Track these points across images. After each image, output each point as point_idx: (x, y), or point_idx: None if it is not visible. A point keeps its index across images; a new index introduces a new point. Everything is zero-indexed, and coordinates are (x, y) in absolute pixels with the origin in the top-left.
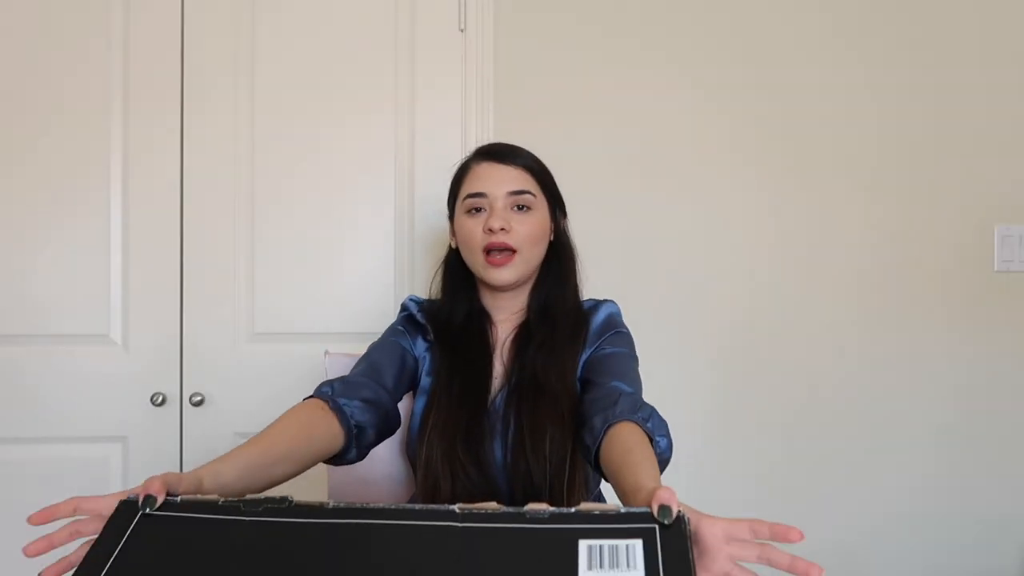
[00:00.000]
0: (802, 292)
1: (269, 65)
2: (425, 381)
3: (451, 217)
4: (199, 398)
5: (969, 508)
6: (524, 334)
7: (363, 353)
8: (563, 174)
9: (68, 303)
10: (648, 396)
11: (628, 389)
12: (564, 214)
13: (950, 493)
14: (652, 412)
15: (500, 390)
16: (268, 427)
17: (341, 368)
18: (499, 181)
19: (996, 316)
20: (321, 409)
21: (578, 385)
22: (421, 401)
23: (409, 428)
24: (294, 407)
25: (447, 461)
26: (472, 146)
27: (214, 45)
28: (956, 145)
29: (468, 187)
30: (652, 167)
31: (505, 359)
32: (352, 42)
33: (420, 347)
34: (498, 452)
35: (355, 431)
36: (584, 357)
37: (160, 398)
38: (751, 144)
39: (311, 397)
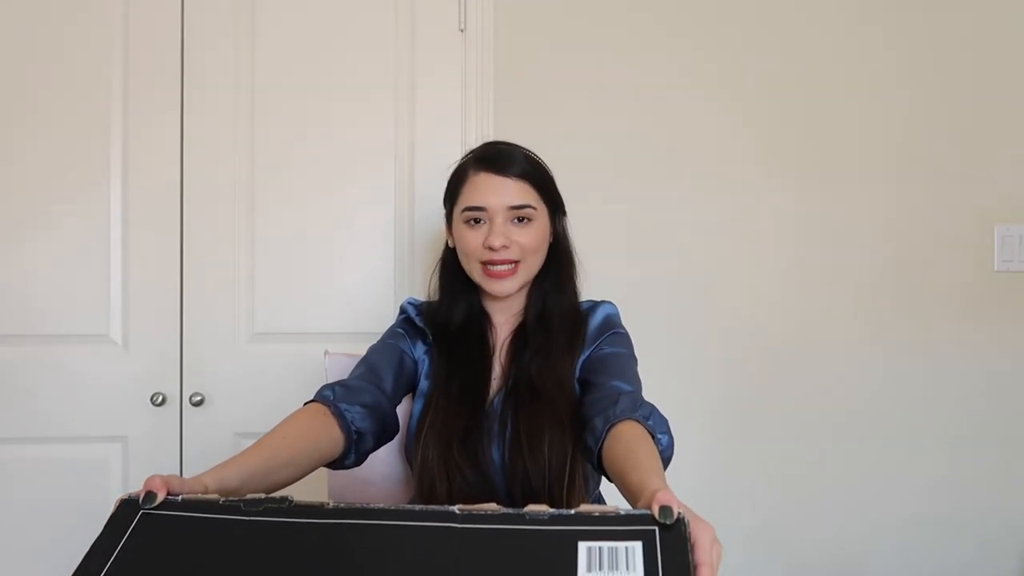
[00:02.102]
0: (805, 293)
1: (269, 65)
2: (424, 384)
3: (448, 217)
4: (199, 398)
5: (969, 508)
6: (521, 337)
7: (363, 355)
8: (564, 174)
9: (68, 303)
10: (656, 396)
11: (628, 388)
12: (563, 213)
13: (950, 493)
14: (652, 410)
15: (498, 392)
16: (271, 432)
17: (341, 368)
18: (498, 194)
19: (996, 316)
20: (323, 414)
21: (577, 387)
22: (420, 403)
23: (408, 429)
24: (296, 412)
25: (443, 463)
26: (472, 145)
27: (214, 46)
28: (956, 145)
29: (466, 198)
30: (656, 168)
31: (503, 361)
32: (352, 42)
33: (419, 350)
34: (496, 454)
35: (355, 437)
36: (582, 359)
37: (160, 398)
38: (756, 144)
39: (312, 401)
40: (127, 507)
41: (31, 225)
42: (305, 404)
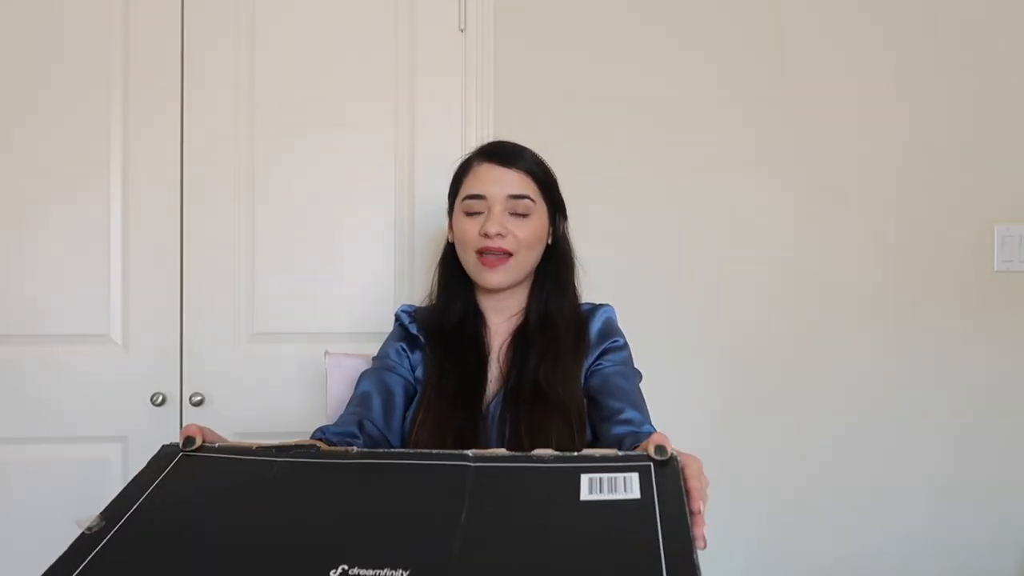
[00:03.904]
0: (804, 294)
1: (269, 65)
2: (422, 391)
3: (450, 212)
4: (199, 398)
5: (970, 508)
6: (522, 338)
7: (363, 367)
8: (563, 175)
9: (68, 303)
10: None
11: (650, 428)
12: (564, 217)
13: (950, 492)
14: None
15: (497, 393)
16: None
17: (341, 368)
18: (499, 184)
19: (996, 316)
20: (322, 444)
21: (582, 393)
22: (414, 405)
23: (402, 432)
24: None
25: None
26: (472, 146)
27: (214, 46)
28: (956, 145)
29: (468, 187)
30: (655, 168)
31: (502, 363)
32: (352, 42)
33: (416, 359)
34: None
35: None
36: (586, 364)
37: (160, 398)
38: (756, 144)
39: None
40: (168, 450)
41: (31, 225)
42: None
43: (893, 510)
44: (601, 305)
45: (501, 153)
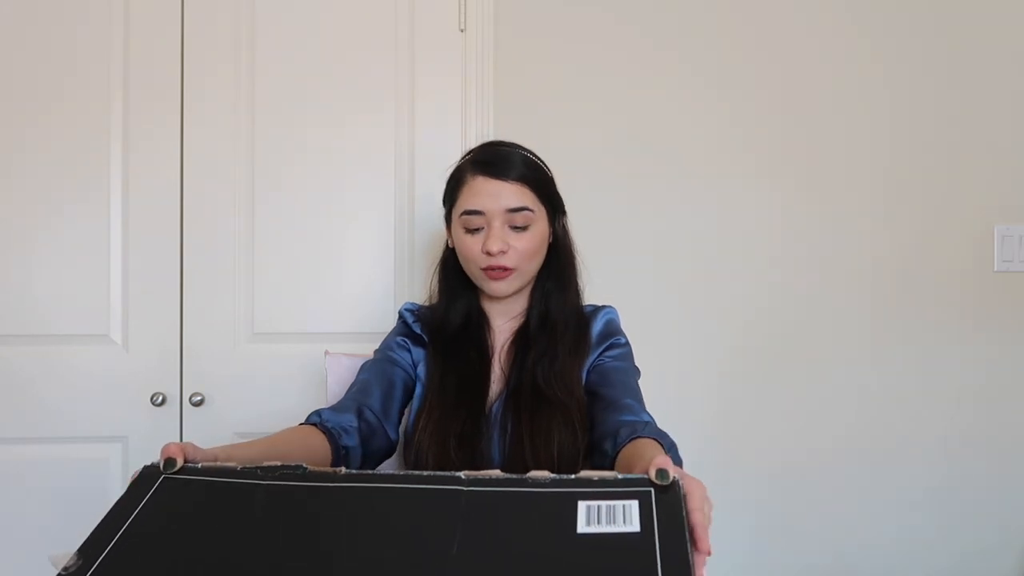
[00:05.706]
0: (804, 294)
1: (269, 66)
2: (421, 389)
3: (447, 218)
4: (199, 398)
5: (969, 508)
6: (523, 339)
7: (362, 361)
8: (564, 175)
9: (68, 303)
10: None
11: (648, 418)
12: (563, 213)
13: (949, 493)
14: (674, 445)
15: (499, 395)
16: (268, 436)
17: (341, 368)
18: (496, 198)
19: (996, 316)
20: (314, 432)
21: (583, 392)
22: (416, 405)
23: (405, 433)
24: (289, 428)
25: (439, 465)
26: (472, 146)
27: (214, 46)
28: (956, 145)
29: (464, 202)
30: (656, 169)
31: (504, 363)
32: (352, 43)
33: (418, 355)
34: (496, 455)
35: (343, 452)
36: (587, 364)
37: (160, 398)
38: (757, 144)
39: (302, 424)
40: (149, 472)
41: (32, 225)
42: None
43: (891, 509)
44: (604, 306)
45: (494, 163)
